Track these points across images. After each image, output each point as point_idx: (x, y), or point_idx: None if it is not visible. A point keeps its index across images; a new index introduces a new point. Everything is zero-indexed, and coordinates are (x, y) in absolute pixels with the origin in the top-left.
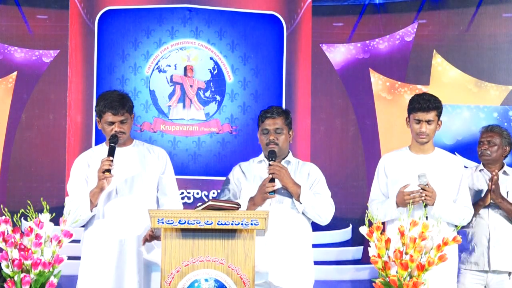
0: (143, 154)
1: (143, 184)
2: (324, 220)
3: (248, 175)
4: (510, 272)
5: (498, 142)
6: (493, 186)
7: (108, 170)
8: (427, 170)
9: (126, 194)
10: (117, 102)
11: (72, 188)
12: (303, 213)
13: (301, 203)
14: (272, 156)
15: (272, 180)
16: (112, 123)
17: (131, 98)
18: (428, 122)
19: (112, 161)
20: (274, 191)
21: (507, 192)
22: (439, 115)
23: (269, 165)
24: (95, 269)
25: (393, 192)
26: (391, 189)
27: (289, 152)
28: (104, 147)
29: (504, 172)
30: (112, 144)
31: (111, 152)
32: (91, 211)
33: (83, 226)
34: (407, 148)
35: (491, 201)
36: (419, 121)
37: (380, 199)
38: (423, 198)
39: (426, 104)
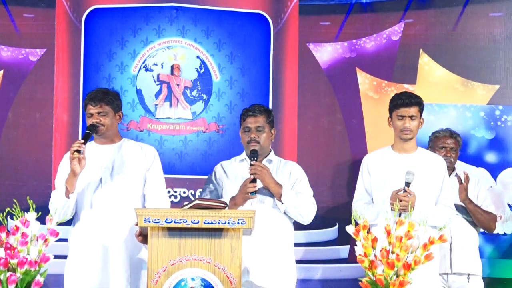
0: (131, 151)
1: (128, 179)
2: (306, 220)
3: (230, 174)
4: (469, 274)
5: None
6: (465, 185)
7: (78, 151)
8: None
9: (111, 189)
10: (96, 94)
11: (57, 182)
12: (284, 213)
13: (282, 203)
14: (253, 155)
15: (253, 180)
16: (92, 114)
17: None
18: (411, 117)
19: (83, 144)
20: (255, 192)
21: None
22: (421, 112)
23: (251, 165)
24: (82, 267)
25: (377, 192)
26: (374, 189)
27: (271, 150)
28: (92, 144)
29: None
30: (87, 131)
31: (85, 137)
32: (68, 197)
33: (69, 224)
34: (390, 148)
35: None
36: (402, 117)
37: (365, 199)
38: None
39: (408, 99)
